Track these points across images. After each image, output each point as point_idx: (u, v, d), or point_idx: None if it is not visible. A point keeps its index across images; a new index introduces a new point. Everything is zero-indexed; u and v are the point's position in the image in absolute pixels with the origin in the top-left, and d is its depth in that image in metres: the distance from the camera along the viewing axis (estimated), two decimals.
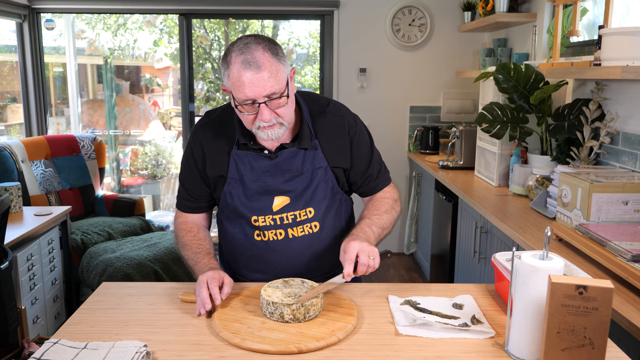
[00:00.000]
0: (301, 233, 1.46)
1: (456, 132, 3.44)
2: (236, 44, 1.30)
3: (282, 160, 1.43)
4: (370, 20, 4.12)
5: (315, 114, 1.47)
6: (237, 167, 1.44)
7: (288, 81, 1.32)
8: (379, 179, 1.55)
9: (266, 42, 1.30)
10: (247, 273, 1.54)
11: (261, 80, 1.26)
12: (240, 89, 1.27)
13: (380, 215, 1.47)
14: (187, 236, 1.50)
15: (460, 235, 2.95)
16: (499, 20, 3.24)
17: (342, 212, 1.54)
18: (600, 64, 2.08)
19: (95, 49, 4.99)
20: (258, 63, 1.26)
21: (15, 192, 2.68)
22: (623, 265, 1.46)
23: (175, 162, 5.30)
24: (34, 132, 4.12)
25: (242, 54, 1.27)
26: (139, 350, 1.05)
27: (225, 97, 4.98)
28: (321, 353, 1.11)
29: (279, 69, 1.28)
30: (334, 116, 1.48)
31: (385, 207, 1.51)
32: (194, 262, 1.43)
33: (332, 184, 1.48)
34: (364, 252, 1.28)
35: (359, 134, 1.50)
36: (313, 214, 1.46)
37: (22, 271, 2.40)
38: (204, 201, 1.55)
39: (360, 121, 1.53)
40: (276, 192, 1.44)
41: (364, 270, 1.27)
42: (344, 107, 1.54)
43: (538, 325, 1.03)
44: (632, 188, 1.79)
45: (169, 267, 3.09)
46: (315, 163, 1.45)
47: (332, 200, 1.49)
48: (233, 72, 1.27)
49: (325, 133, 1.46)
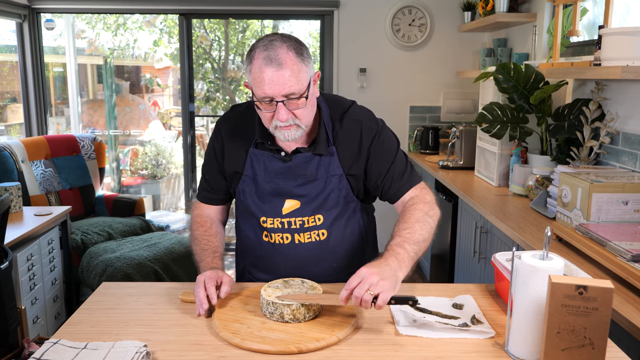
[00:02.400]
0: (308, 239, 1.44)
1: (456, 132, 3.44)
2: (262, 40, 1.29)
3: (295, 165, 1.41)
4: (370, 20, 4.12)
5: (335, 119, 1.43)
6: (252, 165, 1.44)
7: (310, 84, 1.30)
8: (402, 181, 1.44)
9: (292, 42, 1.28)
10: (253, 271, 1.54)
11: (281, 78, 1.24)
12: (259, 85, 1.26)
13: (411, 228, 1.31)
14: (199, 230, 1.51)
15: (460, 235, 2.95)
16: (499, 20, 3.24)
17: (354, 221, 1.49)
18: (600, 64, 2.08)
19: (95, 49, 4.99)
20: (280, 61, 1.24)
21: (15, 192, 2.68)
22: (623, 265, 1.46)
23: (175, 162, 5.30)
24: (34, 132, 4.12)
25: (265, 50, 1.26)
26: (139, 350, 1.05)
27: (226, 97, 4.98)
28: (321, 353, 1.11)
29: (301, 70, 1.27)
30: (352, 121, 1.43)
31: (416, 216, 1.35)
32: (200, 259, 1.44)
33: (346, 192, 1.44)
34: (365, 283, 1.12)
35: (378, 136, 1.43)
36: (322, 222, 1.44)
37: (22, 271, 2.40)
38: (222, 193, 1.55)
39: (382, 124, 1.47)
40: (287, 195, 1.42)
41: (356, 303, 1.13)
42: (365, 111, 1.48)
43: (538, 325, 1.03)
44: (632, 188, 1.79)
45: (169, 267, 3.09)
46: (330, 170, 1.41)
47: (344, 208, 1.46)
48: (255, 68, 1.26)
49: (342, 139, 1.42)
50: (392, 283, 1.15)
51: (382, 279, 1.14)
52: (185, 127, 4.30)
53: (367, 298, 1.12)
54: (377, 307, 1.13)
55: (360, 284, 1.13)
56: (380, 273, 1.15)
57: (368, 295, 1.12)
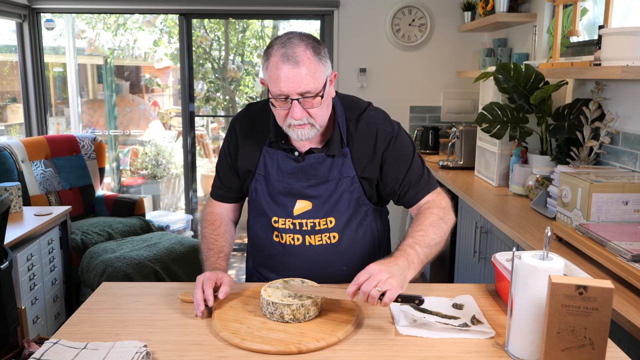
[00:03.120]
0: (319, 242, 1.44)
1: (456, 132, 3.44)
2: (280, 38, 1.29)
3: (308, 165, 1.40)
4: (370, 20, 4.12)
5: (350, 120, 1.42)
6: (265, 164, 1.44)
7: (327, 83, 1.30)
8: (419, 186, 1.44)
9: (310, 40, 1.28)
10: (262, 270, 1.54)
11: (297, 76, 1.24)
12: (275, 82, 1.26)
13: (424, 231, 1.33)
14: (209, 228, 1.52)
15: (460, 235, 2.95)
16: (499, 20, 3.24)
17: (366, 225, 1.48)
18: (600, 64, 2.08)
19: (95, 49, 4.99)
20: (297, 58, 1.24)
21: (15, 192, 2.68)
22: (623, 265, 1.46)
23: (175, 162, 5.30)
24: (34, 132, 4.12)
25: (283, 47, 1.25)
26: (139, 350, 1.05)
27: (226, 97, 4.98)
28: (321, 353, 1.11)
29: (317, 69, 1.26)
30: (367, 124, 1.42)
31: (430, 220, 1.37)
32: (205, 258, 1.45)
33: (357, 194, 1.43)
34: (374, 279, 1.13)
35: (394, 141, 1.42)
36: (333, 225, 1.43)
37: (22, 271, 2.40)
38: (234, 192, 1.56)
39: (399, 127, 1.45)
40: (299, 195, 1.42)
41: (363, 298, 1.14)
42: (381, 114, 1.47)
43: (538, 325, 1.03)
44: (632, 188, 1.79)
45: (169, 267, 3.09)
46: (342, 171, 1.41)
47: (356, 211, 1.45)
48: (271, 65, 1.26)
49: (356, 141, 1.41)
50: (400, 282, 1.16)
51: (391, 277, 1.14)
52: (185, 127, 4.30)
53: (375, 294, 1.12)
54: (383, 304, 1.13)
55: (369, 280, 1.14)
56: (389, 271, 1.15)
57: (376, 291, 1.12)
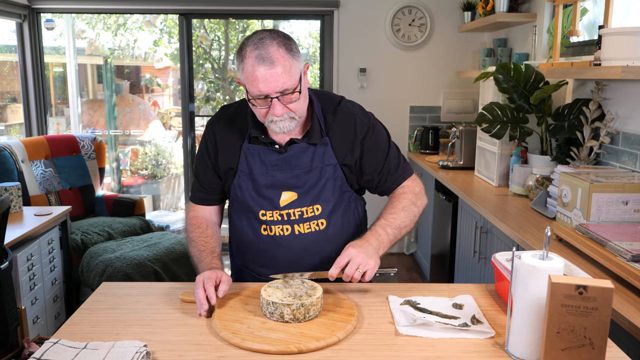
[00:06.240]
0: (307, 230, 1.46)
1: (456, 132, 3.44)
2: (251, 39, 1.30)
3: (291, 155, 1.43)
4: (370, 20, 4.12)
5: (327, 111, 1.47)
6: (247, 160, 1.45)
7: (301, 76, 1.33)
8: (397, 174, 1.52)
9: (281, 38, 1.30)
10: (253, 267, 1.55)
11: (274, 75, 1.27)
12: (254, 83, 1.28)
13: (396, 214, 1.45)
14: (196, 232, 1.51)
15: (460, 235, 2.95)
16: (499, 20, 3.24)
17: (350, 211, 1.53)
18: (600, 64, 2.08)
19: (95, 49, 4.99)
20: (272, 59, 1.26)
21: (15, 192, 2.68)
22: (623, 265, 1.46)
23: (175, 162, 5.30)
24: (34, 132, 4.12)
25: (256, 49, 1.28)
26: (139, 350, 1.05)
27: (226, 97, 4.98)
28: (321, 353, 1.11)
29: (292, 65, 1.29)
30: (345, 114, 1.48)
31: (403, 204, 1.48)
32: (198, 260, 1.45)
33: (340, 181, 1.47)
34: (354, 263, 1.29)
35: (372, 131, 1.48)
36: (320, 211, 1.46)
37: (22, 271, 2.40)
38: (216, 194, 1.56)
39: (374, 118, 1.52)
40: (284, 187, 1.44)
41: (346, 279, 1.29)
42: (357, 105, 1.53)
43: (538, 325, 1.03)
44: (632, 188, 1.79)
45: (169, 267, 3.09)
46: (324, 160, 1.45)
47: (341, 198, 1.49)
48: (247, 67, 1.28)
49: (336, 130, 1.46)
50: (375, 261, 1.32)
51: (368, 258, 1.30)
52: (185, 127, 4.30)
53: (357, 276, 1.29)
54: (363, 279, 1.30)
55: (350, 264, 1.29)
56: (365, 252, 1.31)
57: (358, 273, 1.29)
